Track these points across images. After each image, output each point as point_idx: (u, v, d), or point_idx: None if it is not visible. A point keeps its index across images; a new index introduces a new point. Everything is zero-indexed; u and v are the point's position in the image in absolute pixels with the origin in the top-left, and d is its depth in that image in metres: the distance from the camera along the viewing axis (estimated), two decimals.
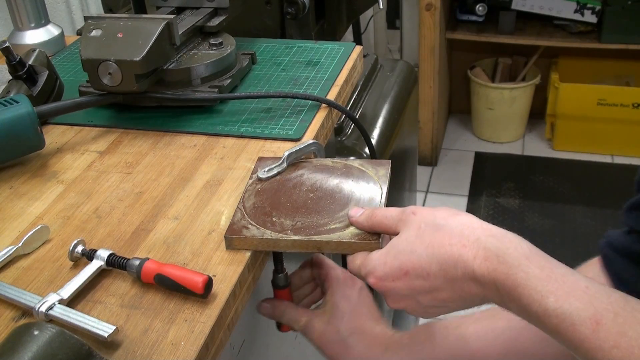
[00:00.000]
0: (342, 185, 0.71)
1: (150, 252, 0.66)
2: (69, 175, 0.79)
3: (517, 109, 2.69)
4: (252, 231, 0.66)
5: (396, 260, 0.58)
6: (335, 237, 0.64)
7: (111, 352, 0.55)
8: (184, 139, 0.85)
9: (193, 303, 0.59)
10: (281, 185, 0.73)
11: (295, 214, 0.68)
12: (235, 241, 0.66)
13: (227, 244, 0.66)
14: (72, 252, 0.64)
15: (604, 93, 2.51)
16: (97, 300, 0.60)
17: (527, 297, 0.51)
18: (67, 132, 0.88)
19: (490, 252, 0.53)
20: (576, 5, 2.42)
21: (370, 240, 0.63)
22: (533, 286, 0.51)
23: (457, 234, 0.55)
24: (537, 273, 0.52)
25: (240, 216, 0.68)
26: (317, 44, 1.08)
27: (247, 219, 0.67)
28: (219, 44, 0.95)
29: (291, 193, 0.71)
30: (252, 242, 0.65)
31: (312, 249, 0.65)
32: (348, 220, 0.65)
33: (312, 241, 0.64)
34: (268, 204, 0.70)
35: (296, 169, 0.75)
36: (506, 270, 0.52)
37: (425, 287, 0.57)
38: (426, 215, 0.58)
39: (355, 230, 0.64)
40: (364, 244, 0.63)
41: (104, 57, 0.82)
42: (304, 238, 0.64)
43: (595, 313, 0.49)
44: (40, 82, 0.87)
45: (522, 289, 0.51)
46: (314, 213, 0.68)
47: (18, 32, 1.10)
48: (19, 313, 0.59)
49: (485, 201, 2.42)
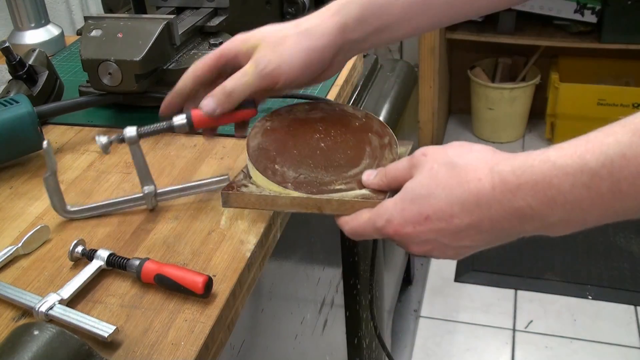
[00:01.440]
0: (356, 140, 0.67)
1: (150, 252, 0.66)
2: (69, 175, 0.79)
3: (517, 109, 2.69)
4: (251, 188, 0.63)
5: (414, 205, 0.54)
6: (338, 196, 0.59)
7: (111, 352, 0.55)
8: (184, 139, 0.85)
9: (193, 303, 0.59)
10: (292, 125, 0.68)
11: (301, 164, 0.64)
12: (232, 197, 0.63)
13: (224, 200, 0.63)
14: (72, 252, 0.64)
15: (604, 93, 2.51)
16: (97, 300, 0.60)
17: (566, 177, 0.46)
18: (67, 132, 0.88)
19: (504, 173, 0.50)
20: (576, 5, 2.42)
21: (375, 199, 0.58)
22: (564, 165, 0.47)
23: (472, 169, 0.52)
24: (558, 155, 0.47)
25: (242, 177, 0.65)
26: None
27: (247, 179, 0.64)
28: (218, 44, 0.95)
29: (302, 137, 0.67)
30: (250, 199, 0.62)
31: (312, 209, 0.61)
32: (355, 183, 0.61)
33: (312, 199, 0.60)
34: (274, 147, 0.66)
35: (313, 109, 0.71)
36: (529, 178, 0.48)
37: (450, 229, 0.53)
38: (439, 154, 0.55)
39: (360, 192, 0.60)
40: (369, 203, 0.58)
41: (104, 57, 0.82)
42: (303, 196, 0.60)
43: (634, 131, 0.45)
44: (40, 82, 0.87)
45: (556, 176, 0.47)
46: (321, 167, 0.63)
47: (18, 32, 1.10)
48: (19, 313, 0.59)
49: None
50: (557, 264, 2.09)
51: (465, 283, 2.04)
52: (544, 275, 2.05)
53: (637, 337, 1.84)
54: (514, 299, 1.99)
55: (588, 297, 1.97)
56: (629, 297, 1.96)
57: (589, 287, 2.00)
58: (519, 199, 0.49)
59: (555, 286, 2.01)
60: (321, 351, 1.04)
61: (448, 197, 0.52)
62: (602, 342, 1.83)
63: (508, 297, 1.99)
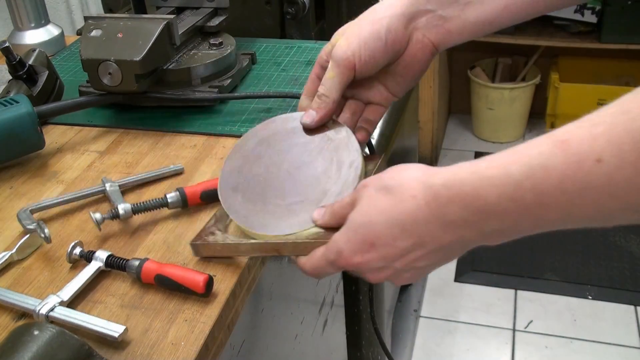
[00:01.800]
0: (324, 160, 0.66)
1: (150, 252, 0.66)
2: (69, 175, 0.79)
3: (517, 109, 2.69)
4: (217, 237, 0.64)
5: (358, 235, 0.55)
6: (293, 238, 0.61)
7: (111, 352, 0.55)
8: (184, 139, 0.85)
9: (193, 303, 0.59)
10: (269, 140, 0.69)
11: (265, 192, 0.65)
12: (200, 248, 0.64)
13: (194, 251, 0.65)
14: (70, 254, 0.63)
15: (604, 93, 2.50)
16: (97, 301, 0.60)
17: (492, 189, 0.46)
18: (67, 132, 0.88)
19: (435, 187, 0.50)
20: (576, 5, 2.42)
21: (325, 239, 0.59)
22: (490, 176, 0.47)
23: (406, 188, 0.52)
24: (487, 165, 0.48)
25: (212, 222, 0.67)
26: (317, 44, 1.08)
27: (217, 224, 0.66)
28: (219, 44, 0.95)
29: (272, 156, 0.67)
30: (216, 248, 0.64)
31: (272, 252, 0.62)
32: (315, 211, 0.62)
33: (270, 244, 0.62)
34: (246, 168, 0.67)
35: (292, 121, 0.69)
36: (459, 190, 0.48)
37: (396, 252, 0.53)
38: (375, 181, 0.55)
39: (314, 230, 0.61)
40: (320, 243, 0.60)
41: (104, 57, 0.82)
42: (261, 242, 0.62)
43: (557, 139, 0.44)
44: (40, 82, 0.87)
45: (483, 188, 0.47)
46: (283, 196, 0.64)
47: (18, 32, 1.10)
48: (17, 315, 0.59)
49: None
50: (557, 264, 2.09)
51: (465, 283, 2.04)
52: (544, 275, 2.05)
53: (637, 337, 1.84)
54: (514, 299, 1.99)
55: (588, 297, 1.97)
56: (629, 297, 1.96)
57: (589, 287, 2.00)
58: (452, 212, 0.49)
59: (555, 286, 2.01)
60: (321, 351, 1.04)
61: (387, 221, 0.53)
62: (602, 342, 1.83)
63: (508, 297, 1.99)
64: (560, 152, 0.44)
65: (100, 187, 0.74)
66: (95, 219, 0.67)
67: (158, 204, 0.70)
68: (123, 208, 0.68)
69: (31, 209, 0.69)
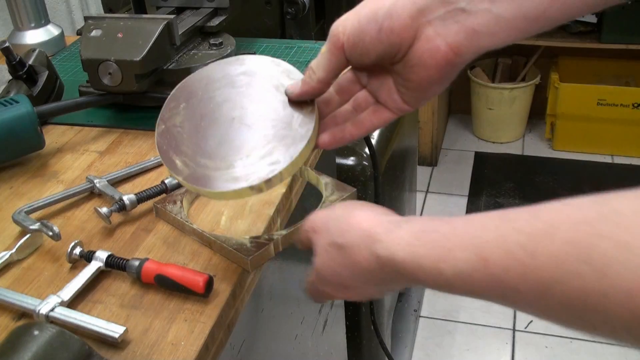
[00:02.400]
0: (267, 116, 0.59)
1: (150, 252, 0.66)
2: (69, 175, 0.79)
3: (517, 109, 2.69)
4: (175, 207, 0.69)
5: (331, 285, 0.55)
6: (223, 238, 0.64)
7: (111, 352, 0.55)
8: None
9: (193, 303, 0.59)
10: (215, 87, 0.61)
11: (204, 146, 0.58)
12: (159, 210, 0.70)
13: (155, 212, 0.70)
14: (70, 254, 0.63)
15: (604, 93, 2.51)
16: (96, 301, 0.60)
17: (426, 276, 0.46)
18: (67, 132, 0.88)
19: (380, 259, 0.49)
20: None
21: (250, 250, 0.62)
22: (424, 265, 0.46)
23: (356, 251, 0.51)
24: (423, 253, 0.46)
25: (184, 189, 0.70)
26: (317, 44, 1.08)
27: None
28: (219, 44, 0.95)
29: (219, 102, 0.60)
30: (169, 218, 0.69)
31: (205, 244, 0.66)
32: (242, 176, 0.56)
33: (205, 236, 0.65)
34: (185, 126, 0.59)
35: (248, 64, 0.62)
36: (397, 266, 0.48)
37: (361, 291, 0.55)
38: (324, 234, 0.55)
39: (244, 239, 0.64)
40: (240, 256, 0.62)
41: (104, 57, 0.82)
42: (199, 230, 0.66)
43: None
44: (40, 82, 0.87)
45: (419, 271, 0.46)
46: (219, 152, 0.57)
47: (18, 32, 1.10)
48: (17, 315, 0.59)
49: (485, 201, 2.42)
50: None
51: None
52: None
53: None
54: None
55: None
56: None
57: None
58: (400, 276, 0.49)
59: None
60: (321, 351, 1.04)
61: (352, 276, 0.53)
62: (602, 342, 1.83)
63: None
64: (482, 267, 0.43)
65: (87, 185, 0.74)
66: (103, 213, 0.67)
67: (159, 190, 0.71)
68: (128, 199, 0.69)
69: (25, 211, 0.69)
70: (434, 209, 2.40)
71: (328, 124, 0.60)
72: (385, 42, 0.53)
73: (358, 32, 0.53)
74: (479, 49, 0.52)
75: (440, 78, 0.54)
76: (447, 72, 0.54)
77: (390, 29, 0.52)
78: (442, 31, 0.51)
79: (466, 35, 0.51)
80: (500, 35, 0.51)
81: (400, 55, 0.53)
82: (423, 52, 0.52)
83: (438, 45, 0.52)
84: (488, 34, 0.51)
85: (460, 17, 0.51)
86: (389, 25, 0.52)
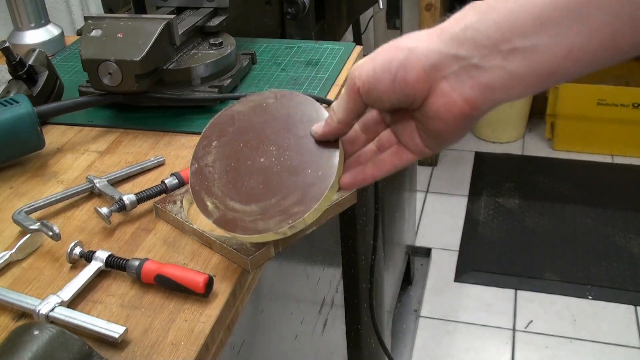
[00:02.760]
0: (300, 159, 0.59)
1: (150, 252, 0.66)
2: (69, 175, 0.79)
3: (517, 109, 2.69)
4: (175, 207, 0.69)
5: None
6: (223, 239, 0.64)
7: (111, 352, 0.55)
8: (184, 139, 0.85)
9: (193, 303, 0.59)
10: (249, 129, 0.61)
11: (232, 189, 0.59)
12: (159, 210, 0.70)
13: (155, 211, 0.70)
14: (70, 254, 0.63)
15: (604, 93, 2.51)
16: (96, 301, 0.60)
17: None
18: (67, 132, 0.88)
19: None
20: None
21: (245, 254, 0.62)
22: None
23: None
24: None
25: (184, 189, 0.71)
26: (317, 44, 1.08)
27: None
28: (219, 44, 0.95)
29: (250, 150, 0.60)
30: (169, 218, 0.69)
31: (205, 244, 0.66)
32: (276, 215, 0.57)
33: (205, 236, 0.65)
34: (217, 167, 0.61)
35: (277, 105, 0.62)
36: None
37: None
38: None
39: (245, 241, 0.63)
40: (239, 256, 0.63)
41: (104, 57, 0.82)
42: (199, 230, 0.66)
43: None
44: (40, 82, 0.87)
45: None
46: (246, 196, 0.59)
47: (18, 32, 1.10)
48: (17, 315, 0.59)
49: (485, 201, 2.42)
50: (557, 264, 2.09)
51: (465, 283, 2.04)
52: (544, 275, 2.05)
53: (637, 337, 1.84)
54: (514, 299, 1.99)
55: (588, 297, 1.97)
56: (629, 297, 1.96)
57: (589, 287, 2.00)
58: None
59: (555, 286, 2.01)
60: (321, 351, 1.04)
61: None
62: (602, 342, 1.83)
63: (508, 297, 2.00)
64: None
65: (87, 185, 0.74)
66: (103, 213, 0.67)
67: (159, 190, 0.72)
68: (128, 198, 0.69)
69: (25, 211, 0.69)
70: (434, 208, 2.40)
71: (352, 164, 0.60)
72: (399, 92, 0.53)
73: (373, 79, 0.53)
74: (495, 102, 0.53)
75: (458, 129, 0.54)
76: (465, 124, 0.54)
77: (404, 81, 0.52)
78: (458, 86, 0.51)
79: (481, 90, 0.51)
80: (517, 90, 0.51)
81: (417, 105, 0.53)
82: (439, 105, 0.52)
83: (454, 99, 0.52)
84: (503, 89, 0.51)
85: (474, 73, 0.51)
86: (403, 76, 0.52)
